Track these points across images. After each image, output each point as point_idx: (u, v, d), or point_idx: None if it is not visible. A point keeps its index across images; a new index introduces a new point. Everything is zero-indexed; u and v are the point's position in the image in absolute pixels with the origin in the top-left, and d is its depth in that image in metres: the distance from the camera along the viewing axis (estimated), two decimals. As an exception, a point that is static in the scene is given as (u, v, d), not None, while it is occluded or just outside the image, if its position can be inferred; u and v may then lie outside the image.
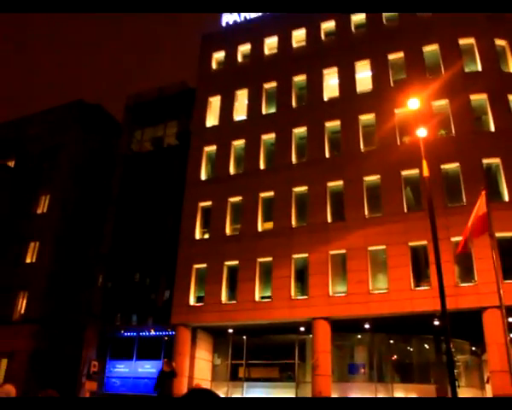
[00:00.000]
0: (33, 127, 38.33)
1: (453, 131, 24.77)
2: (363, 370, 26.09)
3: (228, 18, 34.30)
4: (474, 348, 26.24)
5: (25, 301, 32.86)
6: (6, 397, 6.52)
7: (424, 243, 22.41)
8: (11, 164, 38.68)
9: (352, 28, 29.62)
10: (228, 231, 28.11)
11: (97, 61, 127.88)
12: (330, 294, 24.16)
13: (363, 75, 28.31)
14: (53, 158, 36.65)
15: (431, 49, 27.02)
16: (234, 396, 25.75)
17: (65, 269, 33.10)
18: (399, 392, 24.33)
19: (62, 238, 33.92)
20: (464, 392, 23.03)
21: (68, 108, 37.92)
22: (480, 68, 25.61)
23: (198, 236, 28.77)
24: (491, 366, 20.47)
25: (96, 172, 36.98)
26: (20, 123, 39.15)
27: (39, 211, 35.66)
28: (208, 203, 29.12)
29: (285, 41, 31.33)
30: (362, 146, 26.56)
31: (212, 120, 31.76)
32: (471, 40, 26.20)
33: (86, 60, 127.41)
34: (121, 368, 29.29)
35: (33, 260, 34.07)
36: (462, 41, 26.27)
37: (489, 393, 22.80)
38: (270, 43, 32.07)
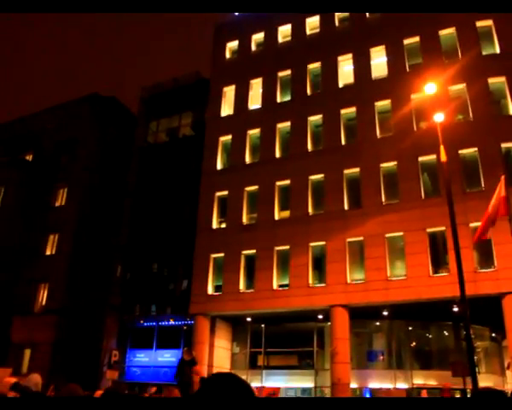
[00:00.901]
0: (49, 122, 38.61)
1: (471, 116, 24.44)
2: (381, 357, 26.08)
3: (241, 7, 34.10)
4: (493, 335, 26.07)
5: (45, 293, 33.33)
6: (35, 391, 6.64)
7: (442, 228, 22.21)
8: (29, 158, 39.09)
9: (367, 13, 29.30)
10: (245, 220, 28.15)
11: (111, 54, 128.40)
12: (348, 281, 24.12)
13: (379, 61, 28.02)
14: (70, 151, 36.95)
15: (447, 32, 26.64)
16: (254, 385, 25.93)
17: (84, 260, 33.47)
18: (419, 379, 24.30)
19: (81, 230, 34.27)
20: (484, 378, 22.92)
21: (83, 101, 38.11)
22: (498, 51, 25.17)
23: (215, 225, 28.87)
24: (511, 352, 20.33)
25: (113, 165, 37.23)
26: (36, 118, 39.47)
27: (57, 204, 36.03)
28: (224, 193, 29.17)
29: (299, 28, 31.10)
30: (378, 132, 26.34)
31: (226, 109, 31.73)
32: (489, 22, 25.73)
33: (99, 53, 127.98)
34: (141, 357, 29.63)
35: (53, 252, 34.48)
36: (480, 23, 25.82)
37: (510, 379, 22.68)
38: (284, 31, 31.86)
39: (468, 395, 21.66)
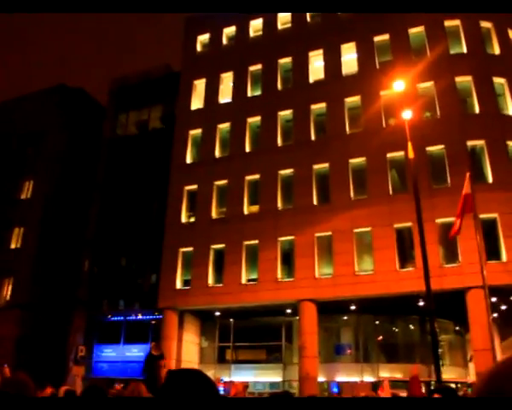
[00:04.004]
0: (15, 113, 37.68)
1: (438, 114, 24.85)
2: (349, 351, 26.39)
3: None
4: (457, 328, 26.67)
5: (10, 287, 32.65)
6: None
7: (409, 224, 22.51)
8: (-7, 150, 38.13)
9: (338, 10, 29.42)
10: (214, 214, 28.05)
11: (79, 45, 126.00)
12: (316, 276, 24.29)
13: (349, 57, 28.21)
14: (36, 143, 36.17)
15: (416, 30, 26.97)
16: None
17: (50, 254, 32.87)
18: (385, 372, 24.66)
19: (47, 224, 33.63)
20: (448, 371, 23.44)
21: (50, 92, 37.31)
22: (465, 50, 25.64)
23: (184, 219, 28.69)
24: (474, 344, 20.82)
25: (81, 157, 36.59)
26: (1, 109, 38.48)
27: (23, 196, 35.31)
28: (194, 187, 29.00)
29: (270, 23, 31.02)
30: (347, 128, 26.54)
31: (197, 103, 31.50)
32: (456, 22, 26.17)
33: (67, 43, 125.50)
34: (109, 352, 29.29)
35: (18, 246, 33.79)
36: (448, 23, 26.23)
37: (472, 371, 23.24)
38: (255, 26, 31.75)
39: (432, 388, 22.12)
